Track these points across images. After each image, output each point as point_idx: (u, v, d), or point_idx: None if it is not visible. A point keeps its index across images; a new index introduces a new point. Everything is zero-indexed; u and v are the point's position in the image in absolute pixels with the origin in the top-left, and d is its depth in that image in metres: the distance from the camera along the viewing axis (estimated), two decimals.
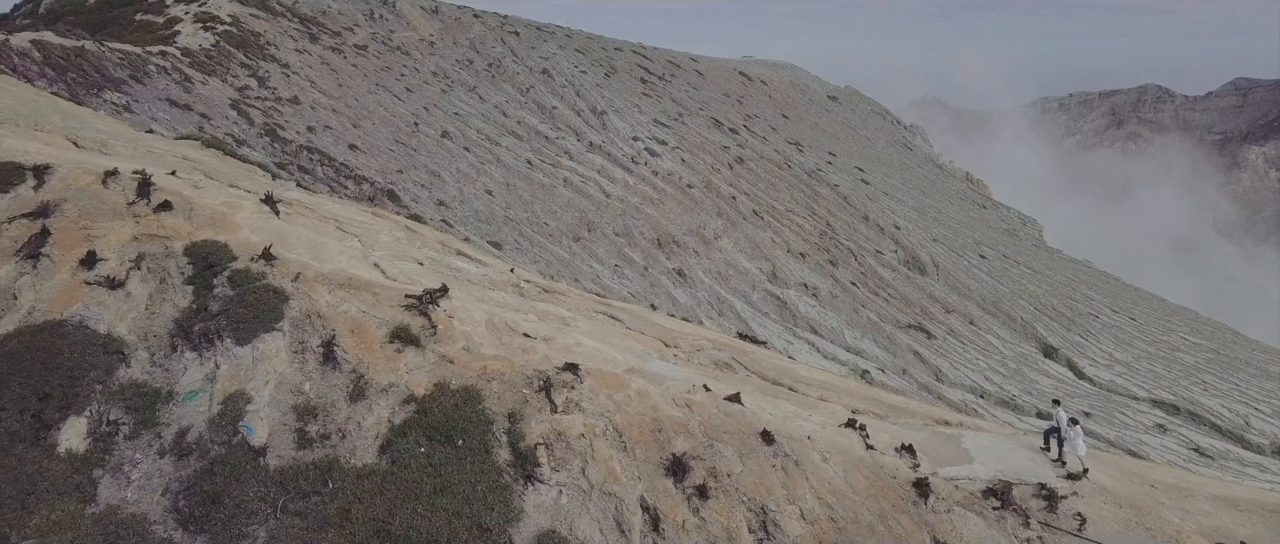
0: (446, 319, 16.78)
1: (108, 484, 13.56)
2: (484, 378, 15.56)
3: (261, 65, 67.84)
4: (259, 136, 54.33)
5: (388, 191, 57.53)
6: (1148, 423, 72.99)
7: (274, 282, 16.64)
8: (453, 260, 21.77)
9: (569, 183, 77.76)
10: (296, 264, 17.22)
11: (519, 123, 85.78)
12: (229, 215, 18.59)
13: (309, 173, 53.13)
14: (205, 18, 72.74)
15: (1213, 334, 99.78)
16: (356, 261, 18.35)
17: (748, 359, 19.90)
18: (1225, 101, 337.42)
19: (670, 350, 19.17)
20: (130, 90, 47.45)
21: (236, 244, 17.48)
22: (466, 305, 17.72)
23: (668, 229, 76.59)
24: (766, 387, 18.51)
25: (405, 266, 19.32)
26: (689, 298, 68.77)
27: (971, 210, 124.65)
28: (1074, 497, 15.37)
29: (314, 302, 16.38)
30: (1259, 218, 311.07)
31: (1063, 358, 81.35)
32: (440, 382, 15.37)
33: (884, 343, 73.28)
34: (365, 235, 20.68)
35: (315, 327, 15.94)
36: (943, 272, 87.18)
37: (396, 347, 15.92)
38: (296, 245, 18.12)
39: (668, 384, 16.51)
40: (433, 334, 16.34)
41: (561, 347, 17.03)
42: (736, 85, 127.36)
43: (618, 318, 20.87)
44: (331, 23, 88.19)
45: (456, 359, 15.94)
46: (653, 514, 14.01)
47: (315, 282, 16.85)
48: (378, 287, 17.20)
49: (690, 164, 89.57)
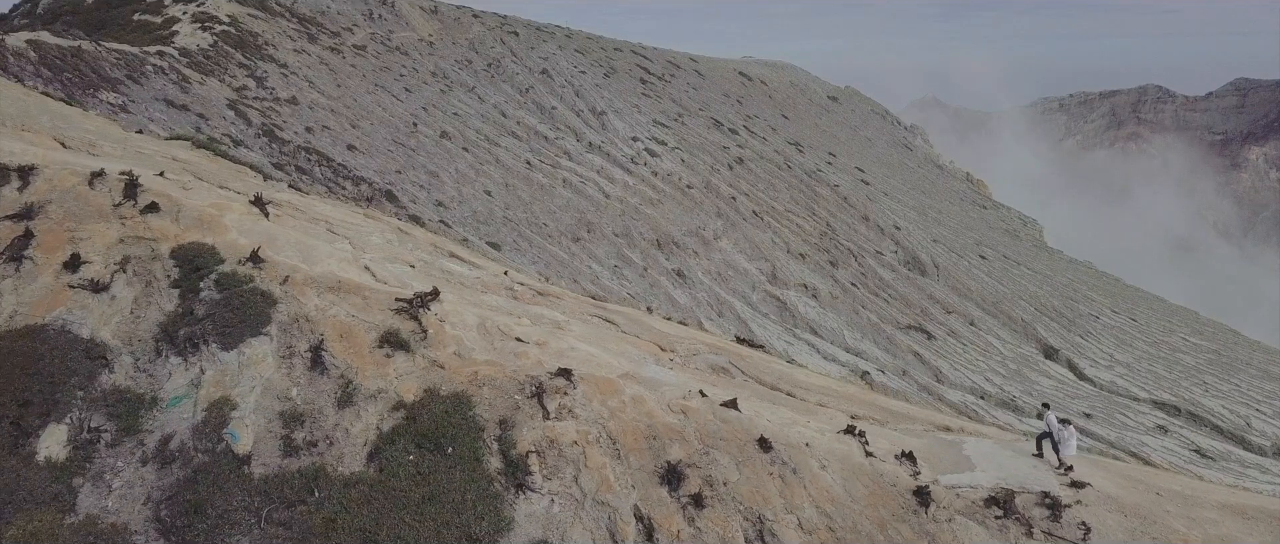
0: (437, 323, 16.45)
1: (88, 493, 13.24)
2: (475, 383, 15.23)
3: (259, 65, 67.52)
4: (257, 137, 53.99)
5: (386, 192, 57.21)
6: (1149, 424, 72.65)
7: (262, 285, 16.31)
8: (445, 263, 21.44)
9: (568, 183, 77.44)
10: (285, 267, 16.89)
11: (518, 123, 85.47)
12: (217, 217, 18.26)
13: (307, 173, 52.82)
14: (203, 18, 72.42)
15: (1214, 335, 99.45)
16: (346, 264, 18.03)
17: (745, 364, 19.56)
18: (1225, 102, 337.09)
19: (666, 355, 18.85)
20: (127, 90, 47.14)
21: (224, 246, 17.15)
22: (458, 309, 17.39)
23: (667, 230, 76.26)
24: (764, 392, 18.18)
25: (396, 269, 19.01)
26: (688, 299, 68.44)
27: (972, 211, 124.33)
28: (1078, 505, 15.03)
29: (302, 305, 16.05)
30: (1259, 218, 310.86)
31: (1063, 359, 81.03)
32: (430, 387, 15.04)
33: (884, 344, 72.96)
34: (356, 237, 20.37)
35: (303, 331, 15.61)
36: (943, 272, 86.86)
37: (386, 351, 15.59)
38: (285, 248, 17.79)
39: (663, 390, 16.17)
40: (423, 338, 16.01)
41: (555, 351, 16.70)
42: (736, 85, 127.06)
43: (613, 321, 20.53)
44: (330, 23, 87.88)
45: (447, 364, 15.61)
46: (647, 524, 13.68)
47: (304, 285, 16.52)
48: (368, 290, 16.87)
49: (690, 164, 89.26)
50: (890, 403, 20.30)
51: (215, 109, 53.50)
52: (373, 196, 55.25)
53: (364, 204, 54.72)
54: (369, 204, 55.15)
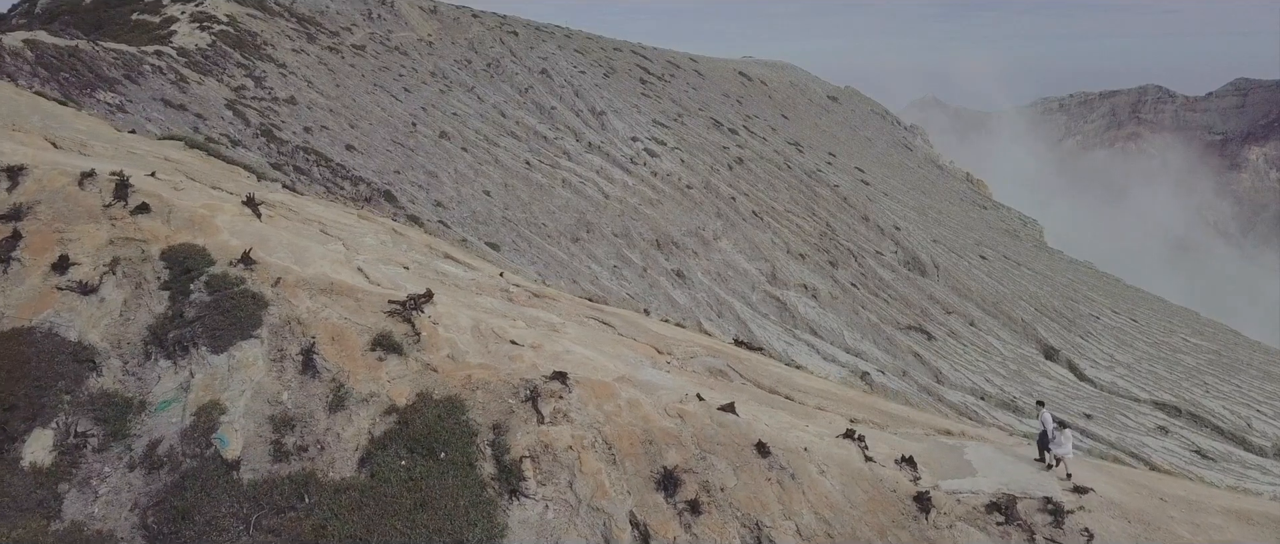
0: (431, 326, 16.20)
1: (74, 499, 13.01)
2: (468, 387, 14.99)
3: (258, 65, 67.30)
4: (255, 137, 53.77)
5: (385, 192, 56.99)
6: (1149, 425, 72.43)
7: (253, 287, 16.08)
8: (439, 264, 21.20)
9: (567, 183, 77.20)
10: (277, 269, 16.64)
11: (517, 123, 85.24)
12: (209, 218, 18.01)
13: (305, 173, 52.59)
14: (202, 17, 72.19)
15: (1214, 336, 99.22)
16: (339, 266, 17.79)
17: (743, 366, 19.32)
18: (1225, 102, 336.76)
19: (663, 357, 18.60)
20: (124, 90, 46.91)
21: (216, 248, 16.91)
22: (452, 311, 17.14)
23: (667, 230, 76.04)
24: (762, 395, 17.93)
25: (390, 271, 18.77)
26: (688, 299, 68.21)
27: (972, 211, 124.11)
28: (1081, 511, 14.80)
29: (294, 308, 15.82)
30: (1259, 218, 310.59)
31: (1063, 359, 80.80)
32: (423, 391, 14.80)
33: (884, 344, 72.74)
34: (350, 238, 20.11)
35: (295, 334, 15.38)
36: (943, 272, 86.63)
37: (378, 355, 15.35)
38: (278, 249, 17.54)
39: (659, 393, 15.92)
40: (416, 341, 15.76)
41: (550, 354, 16.45)
42: (736, 85, 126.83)
43: (609, 323, 20.29)
44: (329, 22, 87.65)
45: (440, 367, 15.37)
46: (643, 530, 13.45)
47: (296, 287, 16.28)
48: (360, 292, 16.63)
49: (689, 164, 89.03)
50: (890, 406, 20.06)
51: (213, 109, 53.26)
52: (371, 197, 55.02)
53: (362, 204, 54.52)
54: (367, 204, 54.94)
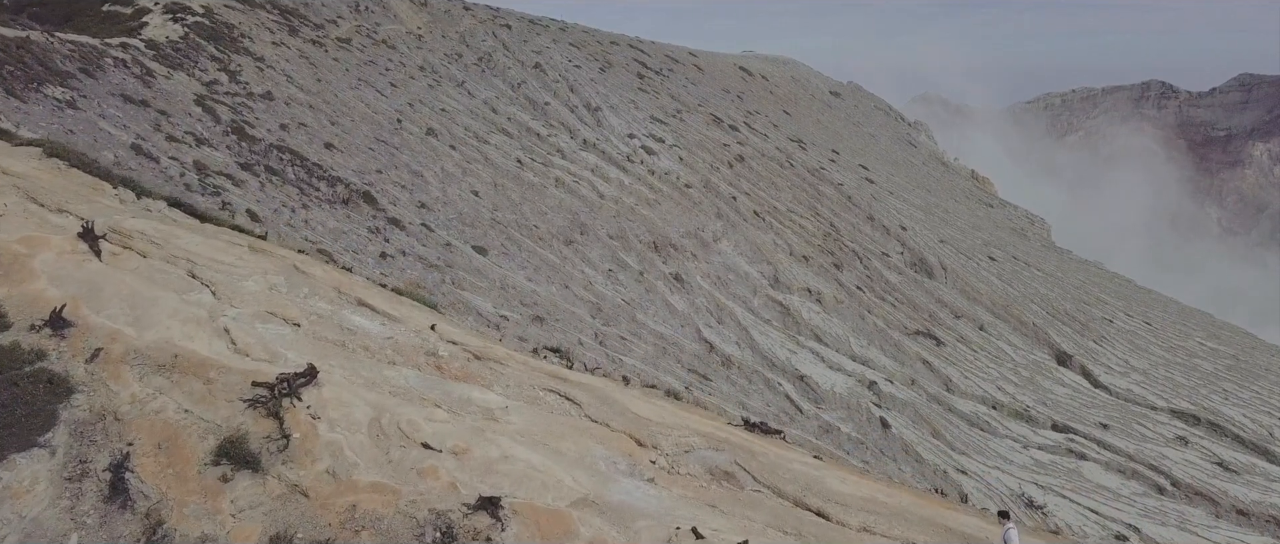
0: (308, 422, 12.03)
1: None
2: (351, 525, 10.69)
3: (234, 59, 63.97)
4: (224, 135, 50.52)
5: (364, 193, 53.78)
6: (1168, 435, 69.55)
7: (56, 364, 11.93)
8: (348, 316, 16.58)
9: (561, 183, 74.00)
10: (101, 333, 12.57)
11: (509, 120, 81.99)
12: (25, 258, 13.77)
13: (277, 174, 49.38)
14: (176, 8, 68.77)
15: (1230, 339, 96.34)
16: (195, 326, 13.61)
17: (757, 464, 14.95)
18: (1229, 98, 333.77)
19: (646, 455, 14.34)
20: (78, 85, 43.63)
21: (22, 302, 12.80)
22: (343, 397, 12.91)
23: (664, 231, 72.88)
24: (785, 511, 13.70)
25: (269, 331, 14.52)
26: (686, 305, 65.08)
27: (978, 209, 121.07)
28: None
29: (113, 396, 11.79)
30: (1263, 215, 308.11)
31: (1077, 365, 77.89)
32: (280, 533, 10.55)
33: (892, 351, 69.72)
34: (225, 283, 15.71)
35: (107, 437, 11.36)
36: (951, 275, 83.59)
37: (223, 471, 11.13)
38: (111, 302, 13.47)
39: (638, 528, 11.61)
40: (283, 447, 11.60)
41: (479, 463, 12.18)
42: (736, 81, 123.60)
43: (574, 399, 16.02)
44: (314, 15, 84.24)
45: (312, 491, 11.18)
46: None
47: (121, 362, 12.23)
48: (216, 367, 12.63)
49: (688, 163, 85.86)
50: (960, 518, 15.37)
51: (180, 105, 50.00)
52: (349, 198, 51.85)
53: (340, 206, 51.35)
54: (345, 206, 51.75)
